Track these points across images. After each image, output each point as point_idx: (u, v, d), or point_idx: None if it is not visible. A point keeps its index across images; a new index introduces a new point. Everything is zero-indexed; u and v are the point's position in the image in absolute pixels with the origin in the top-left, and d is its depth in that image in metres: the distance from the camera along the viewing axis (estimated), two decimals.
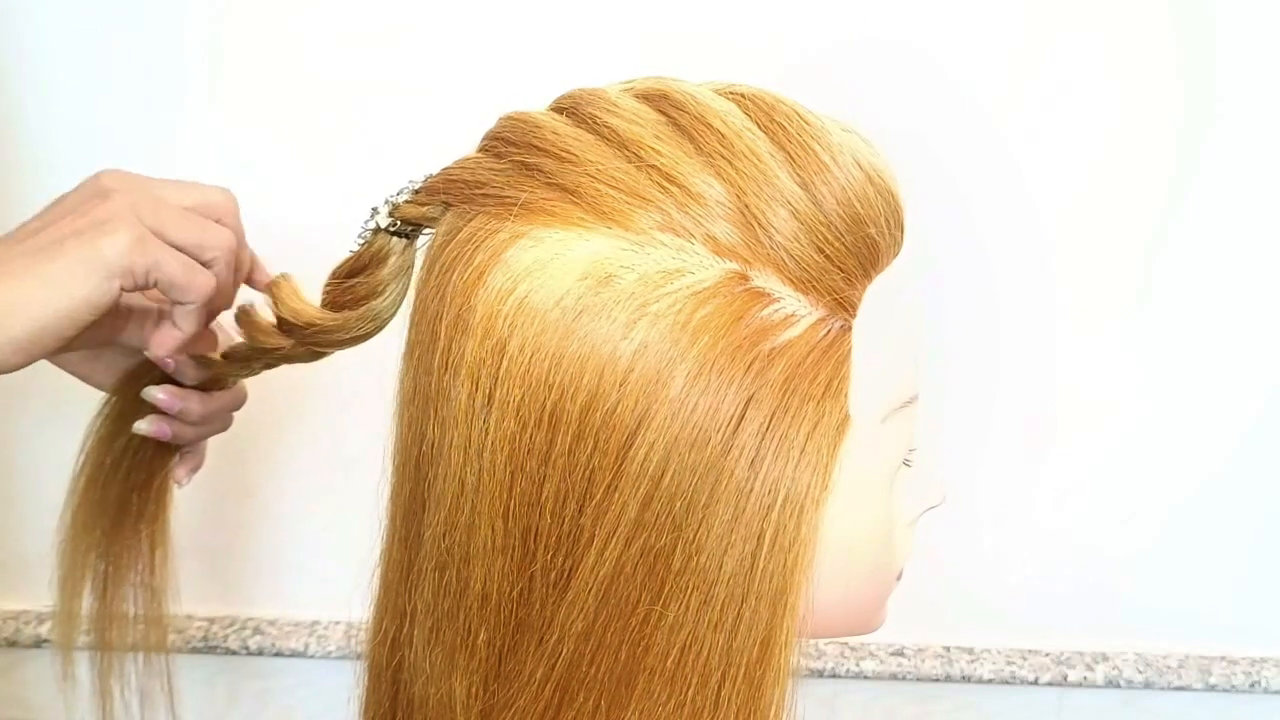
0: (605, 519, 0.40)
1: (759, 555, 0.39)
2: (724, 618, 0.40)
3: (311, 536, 0.97)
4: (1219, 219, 0.89)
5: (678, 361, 0.38)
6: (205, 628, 0.98)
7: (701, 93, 0.42)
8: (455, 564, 0.43)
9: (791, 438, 0.39)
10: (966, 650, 1.01)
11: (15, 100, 0.86)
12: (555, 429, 0.39)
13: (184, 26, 0.84)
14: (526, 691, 0.42)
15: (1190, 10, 0.84)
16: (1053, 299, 0.92)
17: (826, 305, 0.40)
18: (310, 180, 0.88)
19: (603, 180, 0.40)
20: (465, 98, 0.83)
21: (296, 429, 0.93)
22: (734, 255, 0.40)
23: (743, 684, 0.40)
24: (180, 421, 0.58)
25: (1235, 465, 0.96)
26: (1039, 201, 0.89)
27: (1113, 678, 1.00)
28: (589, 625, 0.40)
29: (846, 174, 0.41)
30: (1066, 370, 0.94)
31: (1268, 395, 0.94)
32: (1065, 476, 0.97)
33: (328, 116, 0.86)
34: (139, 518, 0.60)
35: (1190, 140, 0.87)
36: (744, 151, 0.40)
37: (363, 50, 0.85)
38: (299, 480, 0.96)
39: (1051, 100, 0.86)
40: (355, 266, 0.50)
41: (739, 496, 0.39)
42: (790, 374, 0.39)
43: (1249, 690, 1.01)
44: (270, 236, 0.89)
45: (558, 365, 0.39)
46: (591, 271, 0.39)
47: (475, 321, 0.41)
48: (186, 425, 0.58)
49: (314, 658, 0.99)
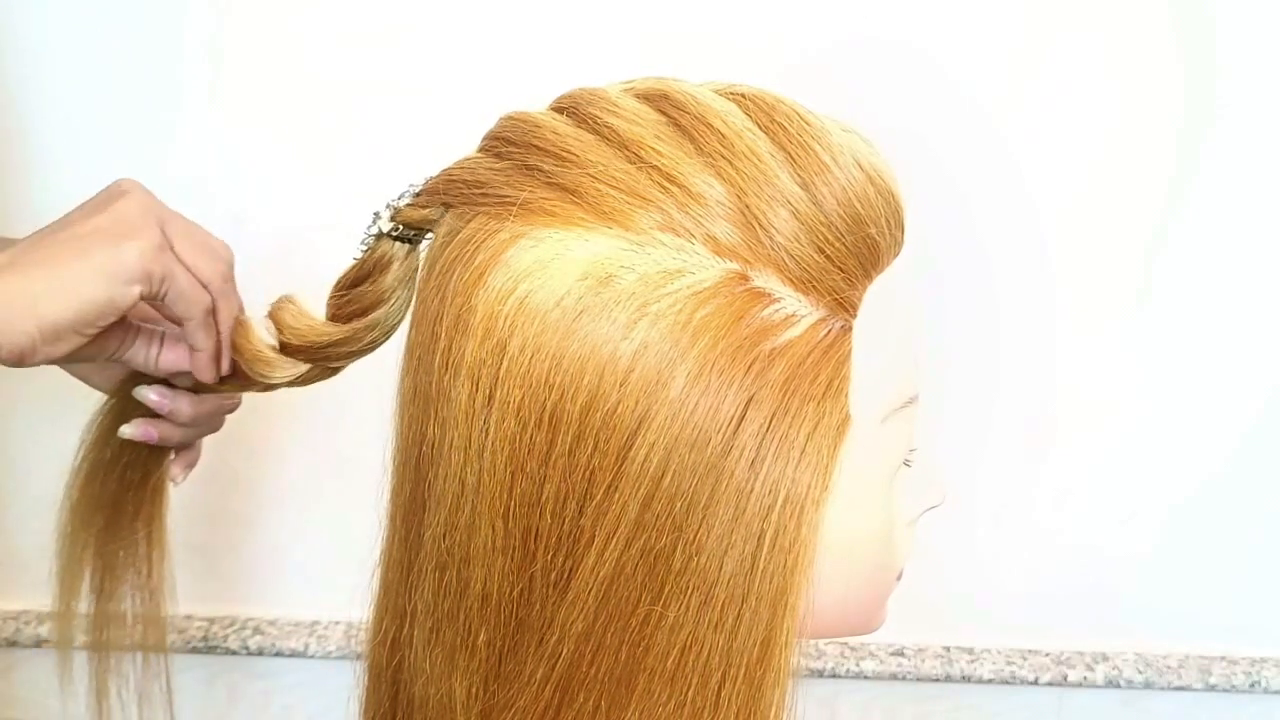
0: (605, 519, 0.40)
1: (759, 555, 0.39)
2: (724, 618, 0.40)
3: (311, 536, 0.97)
4: (1219, 219, 0.89)
5: (678, 362, 0.38)
6: (205, 628, 0.98)
7: (702, 93, 0.42)
8: (455, 564, 0.43)
9: (792, 438, 0.39)
10: (966, 650, 1.01)
11: (15, 100, 0.86)
12: (555, 429, 0.39)
13: (184, 26, 0.84)
14: (526, 692, 0.42)
15: (1190, 10, 0.84)
16: (1053, 299, 0.92)
17: (827, 305, 0.40)
18: (310, 180, 0.88)
19: (603, 180, 0.40)
20: (465, 98, 0.83)
21: (296, 429, 0.93)
22: (734, 255, 0.40)
23: (743, 684, 0.40)
24: (169, 423, 0.58)
25: (1235, 465, 0.96)
26: (1039, 201, 0.89)
27: (1113, 678, 1.00)
28: (589, 625, 0.40)
29: (847, 174, 0.41)
30: (1066, 370, 0.94)
31: (1268, 395, 0.94)
32: (1065, 476, 0.97)
33: (328, 116, 0.86)
34: (135, 516, 0.60)
35: (1190, 140, 0.87)
36: (744, 152, 0.40)
37: (363, 50, 0.85)
38: (299, 480, 0.96)
39: (1051, 100, 0.86)
40: (359, 275, 0.50)
41: (739, 497, 0.39)
42: (790, 374, 0.39)
43: (1249, 690, 1.01)
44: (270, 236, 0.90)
45: (558, 365, 0.39)
46: (592, 271, 0.39)
47: (475, 322, 0.40)
48: (175, 427, 0.59)
49: (314, 658, 0.99)
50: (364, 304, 0.50)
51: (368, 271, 0.49)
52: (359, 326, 0.50)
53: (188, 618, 0.98)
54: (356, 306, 0.50)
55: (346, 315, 0.51)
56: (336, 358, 0.52)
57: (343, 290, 0.51)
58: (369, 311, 0.50)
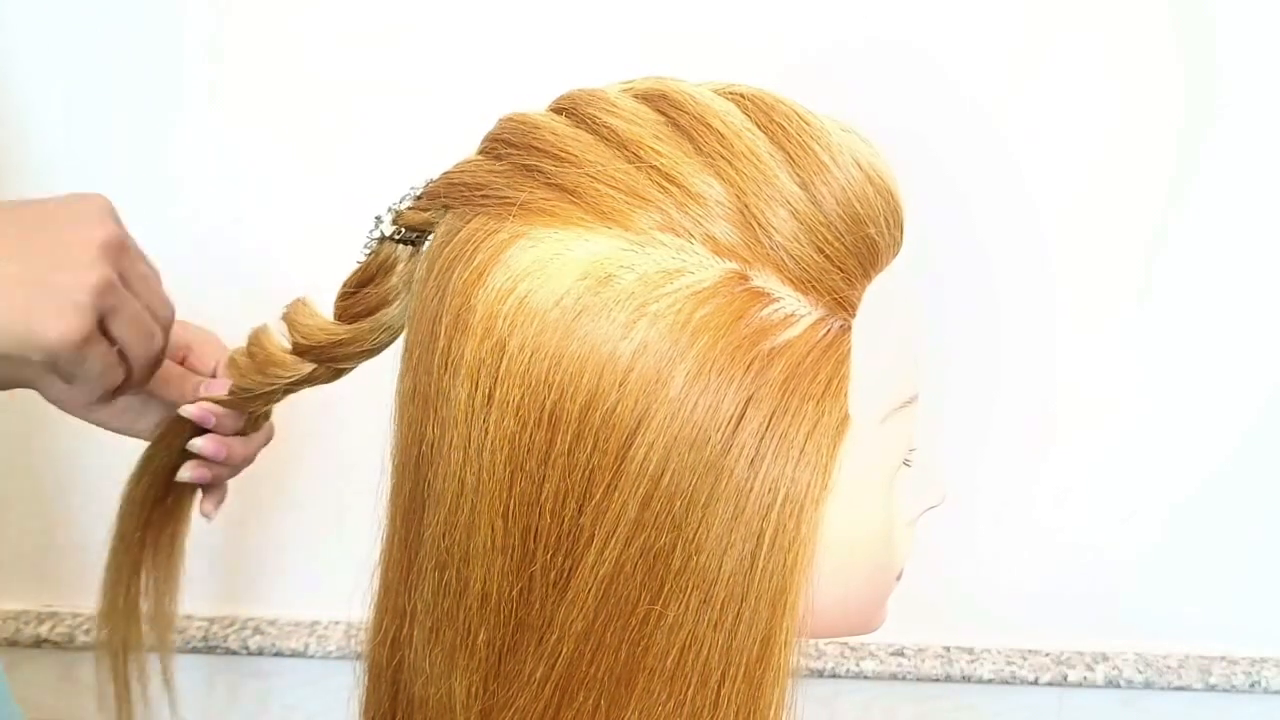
0: (605, 518, 0.40)
1: (759, 555, 0.39)
2: (724, 617, 0.40)
3: (311, 536, 0.98)
4: (1219, 219, 0.89)
5: (677, 361, 0.38)
6: (205, 628, 0.98)
7: (701, 93, 0.42)
8: (455, 564, 0.43)
9: (791, 437, 0.39)
10: (966, 650, 1.01)
11: (16, 100, 0.86)
12: (555, 428, 0.39)
13: (184, 26, 0.84)
14: (526, 691, 0.42)
15: (1190, 10, 0.84)
16: (1053, 299, 0.92)
17: (826, 305, 0.40)
18: (310, 180, 0.88)
19: (602, 180, 0.40)
20: (465, 98, 0.84)
21: (296, 429, 0.93)
22: (734, 255, 0.40)
23: (742, 683, 0.40)
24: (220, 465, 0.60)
25: (1235, 465, 0.96)
26: (1039, 201, 0.89)
27: (1113, 678, 1.00)
28: (589, 625, 0.40)
29: (846, 174, 0.41)
30: (1067, 369, 0.94)
31: (1268, 395, 0.94)
32: (1065, 476, 0.97)
33: (328, 116, 0.86)
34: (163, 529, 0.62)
35: (1190, 140, 0.87)
36: (743, 151, 0.40)
37: (363, 50, 0.85)
38: (299, 480, 0.96)
39: (1051, 100, 0.86)
40: (364, 277, 0.50)
41: (739, 496, 0.39)
42: (790, 373, 0.39)
43: (1249, 690, 1.01)
44: (270, 236, 0.90)
45: (557, 365, 0.39)
46: (591, 271, 0.39)
47: (475, 321, 0.41)
48: (224, 467, 0.60)
49: (314, 658, 0.99)
50: (370, 305, 0.50)
51: (372, 274, 0.50)
52: (364, 327, 0.50)
53: (188, 618, 0.98)
54: (363, 308, 0.50)
55: (353, 315, 0.51)
56: (344, 358, 0.52)
57: (349, 292, 0.51)
58: (375, 312, 0.50)
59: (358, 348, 0.51)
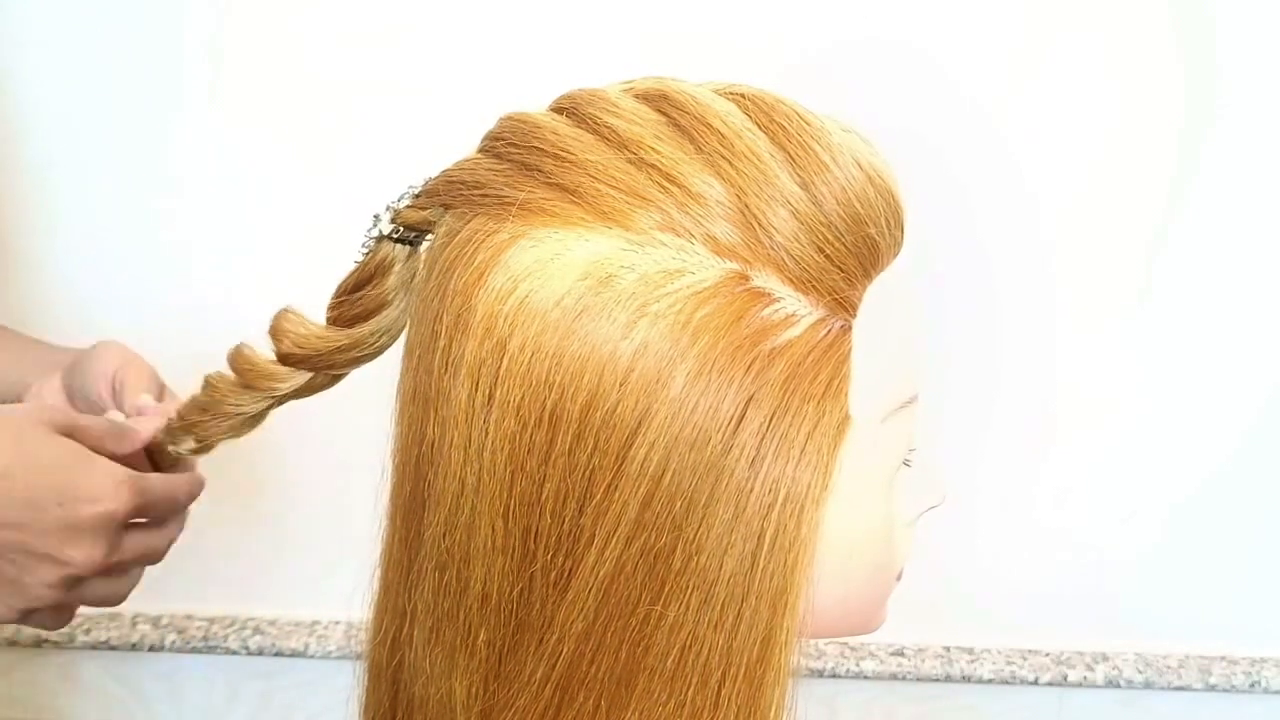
0: (605, 519, 0.40)
1: (759, 555, 0.39)
2: (724, 617, 0.40)
3: (311, 536, 0.98)
4: (1219, 219, 0.89)
5: (678, 361, 0.38)
6: (205, 628, 0.98)
7: (701, 93, 0.42)
8: (455, 564, 0.43)
9: (792, 437, 0.39)
10: (966, 650, 1.01)
11: (15, 99, 0.86)
12: (555, 429, 0.39)
13: (184, 26, 0.84)
14: (526, 691, 0.42)
15: (1190, 10, 0.84)
16: (1053, 299, 0.92)
17: (827, 305, 0.40)
18: (310, 180, 0.88)
19: (603, 180, 0.40)
20: (465, 98, 0.83)
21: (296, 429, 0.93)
22: (734, 255, 0.40)
23: (743, 684, 0.40)
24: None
25: (1236, 465, 0.96)
26: (1039, 201, 0.89)
27: (1113, 678, 1.00)
28: (589, 625, 0.40)
29: (846, 174, 0.40)
30: (1067, 369, 0.94)
31: (1268, 395, 0.94)
32: (1065, 475, 0.97)
33: (328, 116, 0.86)
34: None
35: (1190, 140, 0.87)
36: (744, 152, 0.40)
37: (363, 50, 0.85)
38: (299, 480, 0.96)
39: (1051, 100, 0.86)
40: (361, 279, 0.49)
41: (739, 496, 0.39)
42: (790, 374, 0.39)
43: (1249, 690, 1.01)
44: (270, 236, 0.90)
45: (558, 365, 0.39)
46: (592, 271, 0.39)
47: (475, 321, 0.40)
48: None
49: (314, 658, 0.99)
50: (368, 308, 0.50)
51: (369, 275, 0.49)
52: (363, 331, 0.50)
53: (188, 617, 0.98)
54: (360, 310, 0.50)
55: (350, 320, 0.50)
56: (342, 364, 0.52)
57: (345, 295, 0.50)
58: (373, 315, 0.50)
59: (358, 352, 0.51)
